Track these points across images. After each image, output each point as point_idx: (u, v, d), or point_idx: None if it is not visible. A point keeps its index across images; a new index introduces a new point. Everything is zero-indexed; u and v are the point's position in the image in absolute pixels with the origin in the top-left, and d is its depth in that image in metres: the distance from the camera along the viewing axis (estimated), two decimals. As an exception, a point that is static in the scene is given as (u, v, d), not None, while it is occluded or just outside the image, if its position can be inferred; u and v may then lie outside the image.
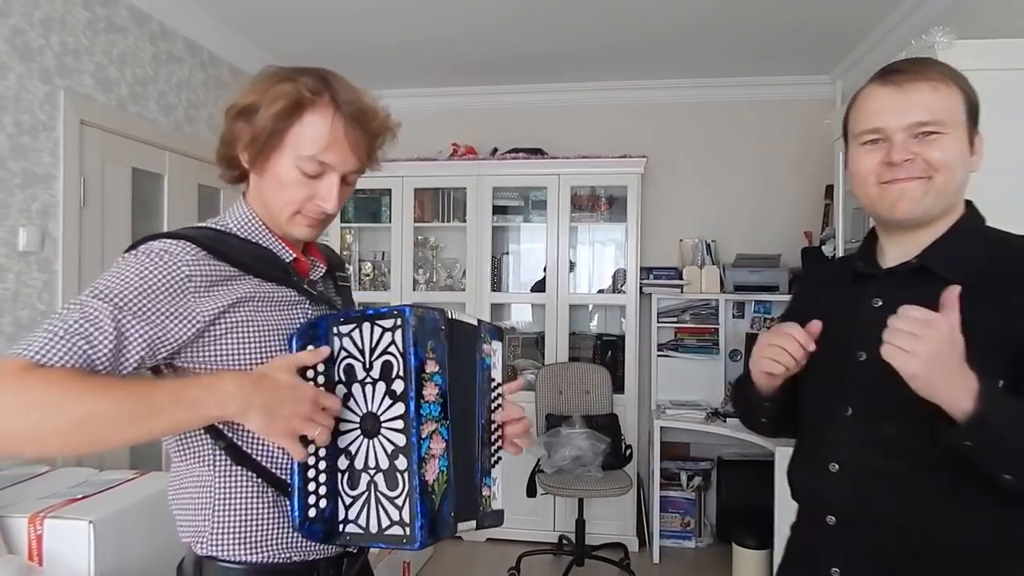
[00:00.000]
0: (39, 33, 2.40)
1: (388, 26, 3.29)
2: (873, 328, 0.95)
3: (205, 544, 1.01)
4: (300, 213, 1.04)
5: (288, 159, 1.00)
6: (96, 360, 0.85)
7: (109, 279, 0.91)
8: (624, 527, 3.81)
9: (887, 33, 3.18)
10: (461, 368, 1.03)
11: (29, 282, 2.36)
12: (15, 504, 1.85)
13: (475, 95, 4.28)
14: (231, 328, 0.97)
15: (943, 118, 0.98)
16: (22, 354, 0.82)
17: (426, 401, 0.94)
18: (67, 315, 0.87)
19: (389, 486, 0.94)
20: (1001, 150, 1.98)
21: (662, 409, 3.77)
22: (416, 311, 0.94)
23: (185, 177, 3.22)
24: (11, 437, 0.81)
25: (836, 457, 1.03)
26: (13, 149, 2.30)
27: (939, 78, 0.99)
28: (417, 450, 0.92)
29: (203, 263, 0.95)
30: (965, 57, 1.98)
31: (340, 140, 1.00)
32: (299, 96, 0.98)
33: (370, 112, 1.04)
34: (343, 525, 0.98)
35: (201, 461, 1.01)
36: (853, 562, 1.02)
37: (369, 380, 0.97)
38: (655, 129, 4.19)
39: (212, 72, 3.42)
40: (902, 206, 1.00)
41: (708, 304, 3.98)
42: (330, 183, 1.02)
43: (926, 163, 0.98)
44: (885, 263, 1.08)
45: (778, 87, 3.98)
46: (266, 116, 0.98)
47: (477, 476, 1.07)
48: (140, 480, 2.11)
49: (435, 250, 4.31)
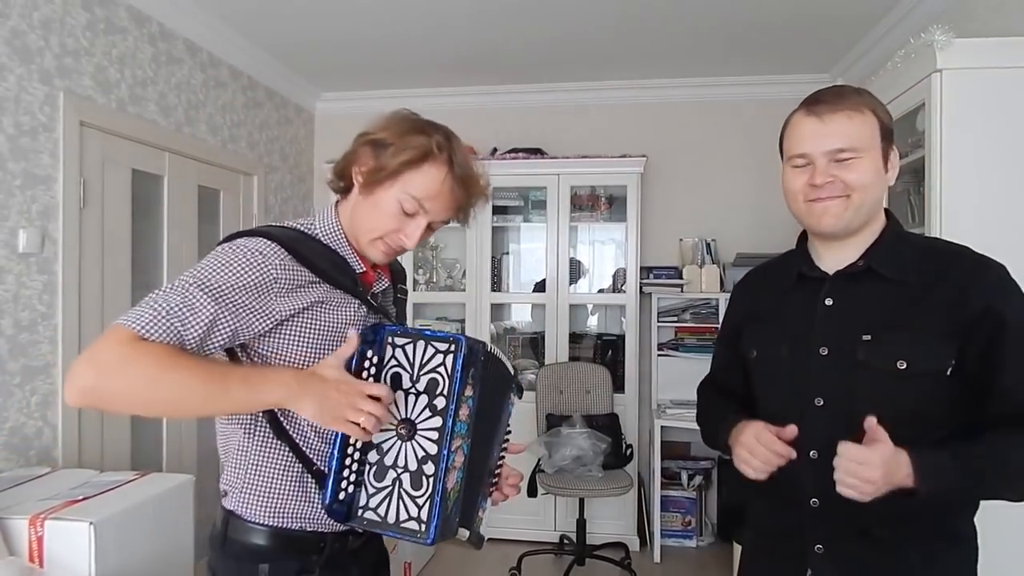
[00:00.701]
0: (39, 34, 2.40)
1: (387, 26, 3.29)
2: (830, 325, 1.15)
3: (233, 500, 1.19)
4: (382, 240, 1.18)
5: (395, 192, 1.14)
6: (187, 341, 1.00)
7: (207, 270, 1.05)
8: (625, 527, 3.81)
9: (886, 31, 3.18)
10: (491, 397, 1.16)
11: (29, 283, 2.36)
12: (16, 505, 1.85)
13: (474, 95, 4.28)
14: (301, 326, 1.12)
15: (857, 144, 1.12)
16: (131, 326, 0.97)
17: (459, 420, 1.06)
18: (169, 296, 1.01)
19: (414, 486, 1.06)
20: (999, 147, 1.99)
21: (663, 408, 3.77)
22: (469, 341, 1.07)
23: (185, 178, 3.22)
24: (109, 395, 0.97)
25: (815, 444, 1.13)
26: (13, 151, 2.30)
27: (855, 107, 1.13)
28: (445, 460, 1.04)
29: (289, 268, 1.09)
30: (963, 56, 1.99)
31: (445, 194, 1.16)
32: (429, 150, 1.14)
33: (475, 178, 1.20)
34: (362, 511, 1.09)
35: (245, 429, 1.16)
36: (835, 537, 1.14)
37: (413, 391, 1.08)
38: (655, 128, 4.19)
39: (212, 73, 3.42)
40: (826, 221, 1.15)
41: (708, 303, 3.98)
42: (418, 224, 1.17)
43: (844, 184, 1.12)
44: (824, 266, 1.21)
45: (778, 85, 3.98)
46: (395, 158, 1.13)
47: (480, 496, 1.20)
48: (141, 481, 2.11)
49: (435, 250, 4.31)
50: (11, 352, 2.30)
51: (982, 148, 1.99)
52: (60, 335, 2.47)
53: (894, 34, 3.12)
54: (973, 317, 1.07)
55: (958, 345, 1.08)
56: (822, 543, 1.16)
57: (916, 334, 1.09)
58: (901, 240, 1.18)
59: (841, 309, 1.16)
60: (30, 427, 2.37)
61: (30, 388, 2.37)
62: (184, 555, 2.16)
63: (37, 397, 2.39)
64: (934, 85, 2.01)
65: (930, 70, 2.02)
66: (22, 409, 2.34)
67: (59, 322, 2.47)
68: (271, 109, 4.00)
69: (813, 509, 1.15)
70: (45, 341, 2.43)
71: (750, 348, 1.28)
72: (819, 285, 1.20)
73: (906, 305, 1.12)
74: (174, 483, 2.15)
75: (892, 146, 1.16)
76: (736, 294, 1.45)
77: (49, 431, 2.44)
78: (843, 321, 1.15)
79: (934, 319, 1.09)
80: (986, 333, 1.07)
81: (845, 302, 1.16)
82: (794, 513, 1.18)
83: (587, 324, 4.31)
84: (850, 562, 1.15)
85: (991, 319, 1.07)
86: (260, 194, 3.84)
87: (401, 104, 1.32)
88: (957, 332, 1.08)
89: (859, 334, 1.12)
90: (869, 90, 1.21)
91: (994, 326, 1.07)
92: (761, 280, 1.38)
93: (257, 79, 3.81)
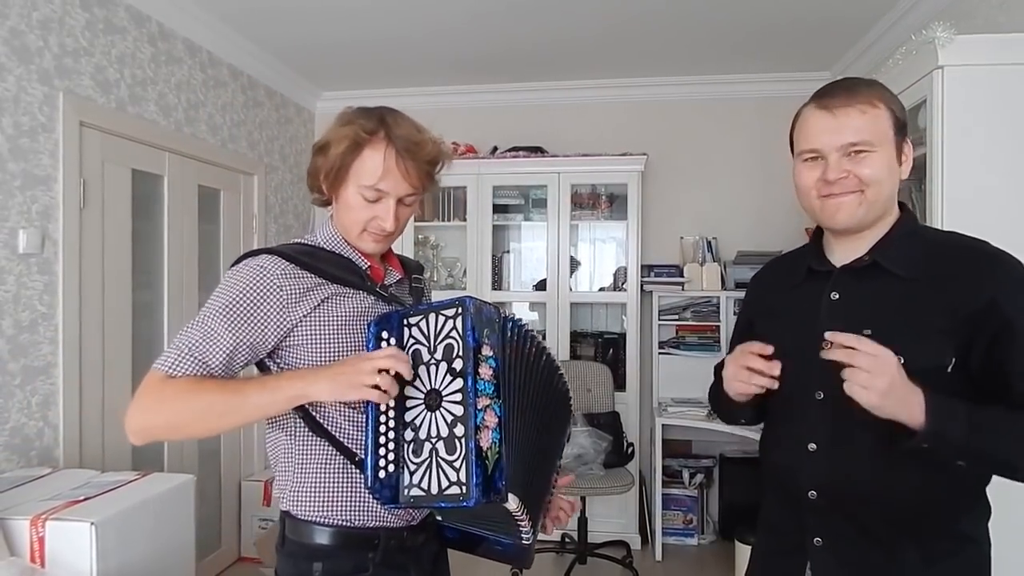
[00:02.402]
0: (38, 35, 2.40)
1: (387, 25, 3.28)
2: (834, 319, 1.12)
3: (286, 500, 1.23)
4: (366, 231, 1.24)
5: (352, 188, 1.21)
6: (212, 368, 1.12)
7: (219, 298, 1.15)
8: (626, 525, 3.81)
9: (887, 28, 3.18)
10: (516, 357, 1.18)
11: (30, 284, 2.36)
12: (17, 506, 1.85)
13: (475, 93, 4.27)
14: (315, 325, 1.18)
15: (870, 138, 1.11)
16: (161, 369, 1.11)
17: (481, 378, 1.09)
18: (191, 332, 1.13)
19: (448, 451, 1.08)
20: (1001, 144, 1.98)
21: (664, 407, 3.77)
22: (475, 302, 1.12)
23: (185, 178, 3.22)
24: (156, 429, 1.13)
25: (814, 437, 1.15)
26: (13, 151, 2.30)
27: (867, 101, 1.12)
28: (473, 418, 1.06)
29: (292, 276, 1.17)
30: (965, 52, 1.98)
31: (392, 170, 1.19)
32: (356, 137, 1.19)
33: (421, 143, 1.21)
34: (407, 490, 1.11)
35: (284, 431, 1.23)
36: (834, 529, 1.15)
37: (433, 361, 1.12)
38: (655, 126, 4.18)
39: (211, 72, 3.42)
40: (840, 217, 1.15)
41: (709, 302, 3.97)
42: (387, 206, 1.22)
43: (858, 179, 1.12)
44: (834, 260, 1.21)
45: (778, 83, 3.97)
46: (334, 154, 1.20)
47: (532, 461, 1.19)
48: (142, 481, 2.11)
49: (436, 249, 4.31)
50: (12, 353, 2.30)
51: (984, 145, 1.98)
52: (61, 335, 2.47)
53: (895, 31, 3.12)
54: (977, 311, 1.06)
55: (960, 341, 1.07)
56: (821, 537, 1.16)
57: (917, 330, 1.09)
58: (913, 235, 1.17)
59: (846, 304, 1.16)
60: (31, 428, 2.37)
61: (31, 389, 2.37)
62: (185, 555, 2.16)
63: (38, 398, 2.39)
64: (935, 82, 2.00)
65: (931, 67, 2.01)
66: (23, 410, 2.34)
67: (60, 322, 2.47)
68: (271, 109, 3.99)
69: (812, 502, 1.16)
70: (46, 341, 2.42)
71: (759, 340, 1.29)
72: (827, 279, 1.20)
73: (910, 301, 1.11)
74: (175, 483, 2.14)
75: (906, 139, 1.15)
76: (751, 287, 1.46)
77: (50, 432, 2.44)
78: (847, 315, 1.14)
79: (937, 315, 1.08)
80: (991, 328, 1.05)
81: (850, 297, 1.16)
82: (794, 507, 1.19)
83: (588, 323, 4.30)
84: (849, 556, 1.15)
85: (995, 315, 1.05)
86: (260, 194, 3.84)
87: (401, 103, 1.33)
88: (959, 328, 1.07)
89: (861, 328, 1.10)
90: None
91: (999, 323, 1.05)
92: (774, 273, 1.40)
93: (257, 79, 3.81)
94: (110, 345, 2.70)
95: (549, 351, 1.29)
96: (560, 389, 1.30)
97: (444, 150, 1.27)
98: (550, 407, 1.27)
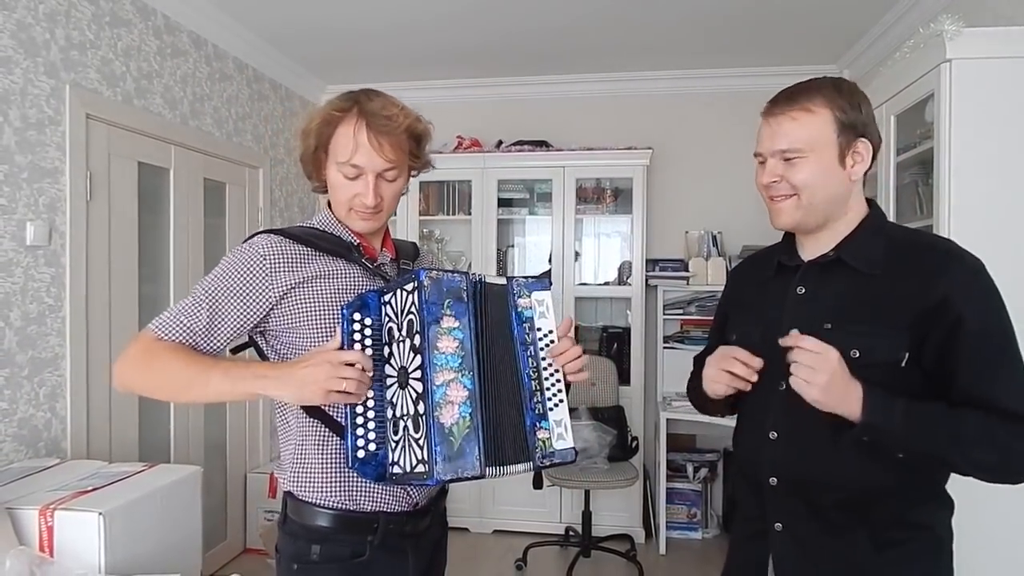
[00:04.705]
0: (44, 27, 2.40)
1: (392, 18, 3.28)
2: (798, 312, 1.19)
3: (287, 480, 1.24)
4: (352, 209, 1.25)
5: (332, 167, 1.24)
6: (196, 332, 1.17)
7: (212, 272, 1.21)
8: (630, 519, 3.82)
9: (894, 21, 3.16)
10: (492, 324, 1.15)
11: (37, 276, 2.38)
12: (26, 496, 1.87)
13: (479, 87, 4.26)
14: (302, 298, 1.20)
15: (801, 145, 1.14)
16: (152, 329, 1.18)
17: (441, 352, 1.06)
18: (183, 301, 1.20)
19: (415, 429, 1.06)
20: (1008, 139, 1.97)
21: (668, 401, 3.77)
22: (430, 274, 1.08)
23: (191, 171, 3.22)
24: (134, 385, 1.19)
25: (775, 426, 1.20)
26: (20, 143, 2.31)
27: (802, 107, 1.15)
28: (431, 395, 1.04)
29: (280, 246, 1.21)
30: (973, 46, 1.97)
31: (365, 144, 1.19)
32: (328, 116, 1.22)
33: (391, 116, 1.21)
34: (392, 467, 1.11)
35: (288, 408, 1.24)
36: (793, 516, 1.19)
37: (401, 339, 1.11)
38: (661, 120, 4.17)
39: (217, 66, 3.42)
40: (779, 219, 1.22)
41: (714, 296, 3.96)
42: (366, 182, 1.22)
43: (789, 184, 1.17)
44: (804, 256, 1.25)
45: (785, 77, 3.86)
46: (313, 138, 1.24)
47: (526, 422, 1.16)
48: (149, 472, 2.13)
49: (440, 243, 4.31)
50: (20, 344, 2.31)
51: (991, 139, 1.97)
52: (68, 327, 2.48)
53: (902, 24, 3.10)
54: (929, 309, 1.08)
55: (914, 336, 1.09)
56: (781, 522, 1.20)
57: (873, 325, 1.11)
58: (878, 233, 1.19)
59: (810, 298, 1.20)
60: (39, 419, 2.39)
61: (38, 380, 2.38)
62: (192, 546, 2.18)
63: (46, 389, 2.41)
64: (943, 76, 1.99)
65: (939, 60, 2.00)
66: (31, 401, 2.36)
67: (67, 314, 2.48)
68: (276, 102, 4.00)
69: (772, 488, 1.20)
70: (53, 333, 2.44)
71: (731, 333, 1.33)
72: (794, 273, 1.24)
73: (870, 296, 1.14)
74: (182, 474, 2.16)
75: (860, 138, 1.15)
76: (729, 280, 1.50)
77: (58, 423, 2.46)
78: (810, 309, 1.18)
79: (895, 311, 1.11)
80: (943, 327, 1.07)
81: (815, 291, 1.20)
82: (758, 493, 1.23)
83: (593, 317, 4.30)
84: (806, 542, 1.18)
85: (947, 312, 1.07)
86: (266, 187, 3.85)
87: (405, 97, 1.34)
88: (914, 323, 1.09)
89: (822, 322, 1.14)
90: (848, 80, 1.21)
91: (950, 321, 1.07)
92: (748, 269, 1.44)
93: (262, 72, 3.81)
94: (116, 337, 2.71)
95: (496, 280, 1.21)
96: (509, 302, 1.21)
97: (420, 123, 1.27)
98: (511, 327, 1.20)
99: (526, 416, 1.16)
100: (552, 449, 1.17)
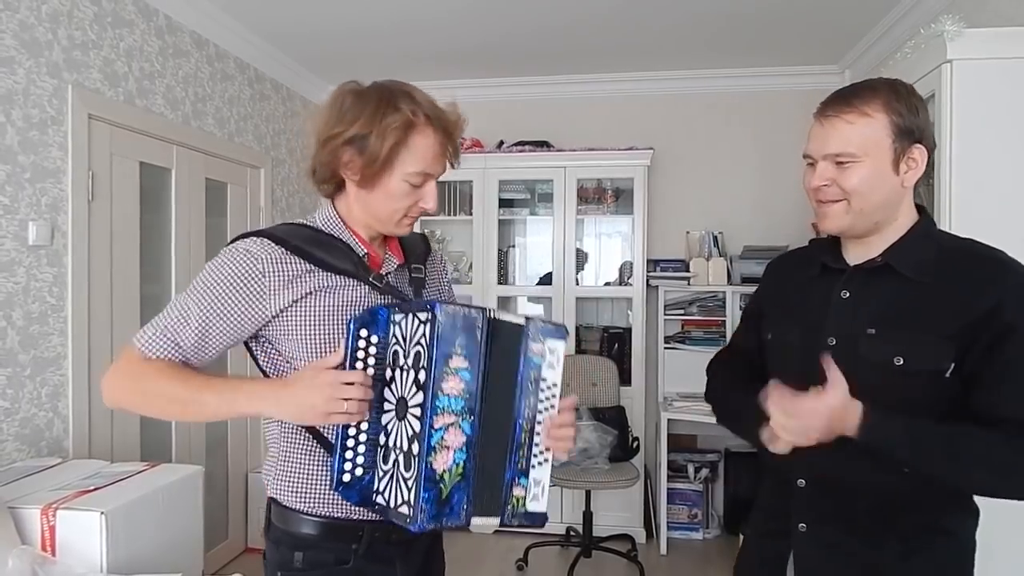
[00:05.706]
0: (47, 27, 2.41)
1: (392, 16, 3.28)
2: (841, 317, 1.17)
3: (272, 487, 1.22)
4: (407, 216, 1.20)
5: (397, 175, 1.15)
6: (184, 350, 1.13)
7: (201, 279, 1.14)
8: (631, 519, 3.82)
9: (896, 21, 3.16)
10: (499, 366, 1.09)
11: (39, 276, 2.38)
12: (28, 495, 1.87)
13: (480, 87, 4.27)
14: (301, 314, 1.14)
15: (855, 150, 1.11)
16: (138, 347, 1.14)
17: (445, 394, 1.01)
18: (169, 312, 1.15)
19: (406, 467, 1.02)
20: (1010, 139, 1.97)
21: (669, 401, 3.77)
22: (447, 308, 1.02)
23: (192, 171, 3.23)
24: (125, 404, 1.16)
25: None
26: (22, 143, 2.31)
27: (858, 112, 1.11)
28: (428, 438, 0.99)
29: (279, 261, 1.13)
30: (974, 46, 1.97)
31: (436, 149, 1.17)
32: (409, 123, 1.13)
33: (454, 122, 1.21)
34: (375, 495, 1.07)
35: (276, 420, 1.20)
36: (818, 517, 1.19)
37: (406, 367, 1.05)
38: (662, 121, 4.17)
39: (218, 66, 3.42)
40: (826, 224, 1.19)
41: (715, 296, 3.97)
42: (431, 188, 1.19)
43: (841, 189, 1.13)
44: (850, 260, 1.22)
45: (786, 77, 3.95)
46: (382, 146, 1.12)
47: (506, 474, 1.11)
48: (151, 472, 2.13)
49: (441, 243, 4.31)
50: (22, 344, 2.32)
51: (993, 139, 1.97)
52: (70, 327, 2.49)
53: (903, 25, 3.10)
54: (978, 318, 1.06)
55: (960, 346, 1.07)
56: (806, 523, 1.20)
57: (919, 333, 1.09)
58: (927, 239, 1.17)
59: (855, 302, 1.17)
60: (41, 418, 2.39)
61: (41, 380, 2.39)
62: (193, 545, 2.18)
63: (48, 388, 2.41)
64: (944, 76, 1.99)
65: (940, 61, 2.00)
66: (33, 400, 2.36)
67: (69, 314, 2.48)
68: (277, 102, 4.00)
69: (800, 489, 1.20)
70: (55, 333, 2.44)
71: (767, 331, 1.32)
72: (839, 277, 1.22)
73: (916, 303, 1.12)
74: (183, 474, 2.16)
75: (914, 144, 1.12)
76: (766, 275, 1.46)
77: (60, 422, 2.46)
78: (854, 314, 1.16)
79: (942, 319, 1.09)
80: (990, 335, 1.06)
81: (860, 296, 1.17)
82: (785, 493, 1.23)
83: (594, 317, 4.30)
84: (830, 545, 1.18)
85: (997, 321, 1.05)
86: (267, 187, 3.85)
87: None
88: (960, 333, 1.07)
89: (865, 327, 1.13)
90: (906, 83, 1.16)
91: (999, 330, 1.05)
92: (789, 266, 1.39)
93: (264, 72, 3.82)
94: (118, 337, 2.71)
95: (513, 320, 1.14)
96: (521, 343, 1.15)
97: (464, 122, 1.27)
98: (518, 370, 1.15)
99: (507, 469, 1.11)
100: (523, 509, 1.13)
